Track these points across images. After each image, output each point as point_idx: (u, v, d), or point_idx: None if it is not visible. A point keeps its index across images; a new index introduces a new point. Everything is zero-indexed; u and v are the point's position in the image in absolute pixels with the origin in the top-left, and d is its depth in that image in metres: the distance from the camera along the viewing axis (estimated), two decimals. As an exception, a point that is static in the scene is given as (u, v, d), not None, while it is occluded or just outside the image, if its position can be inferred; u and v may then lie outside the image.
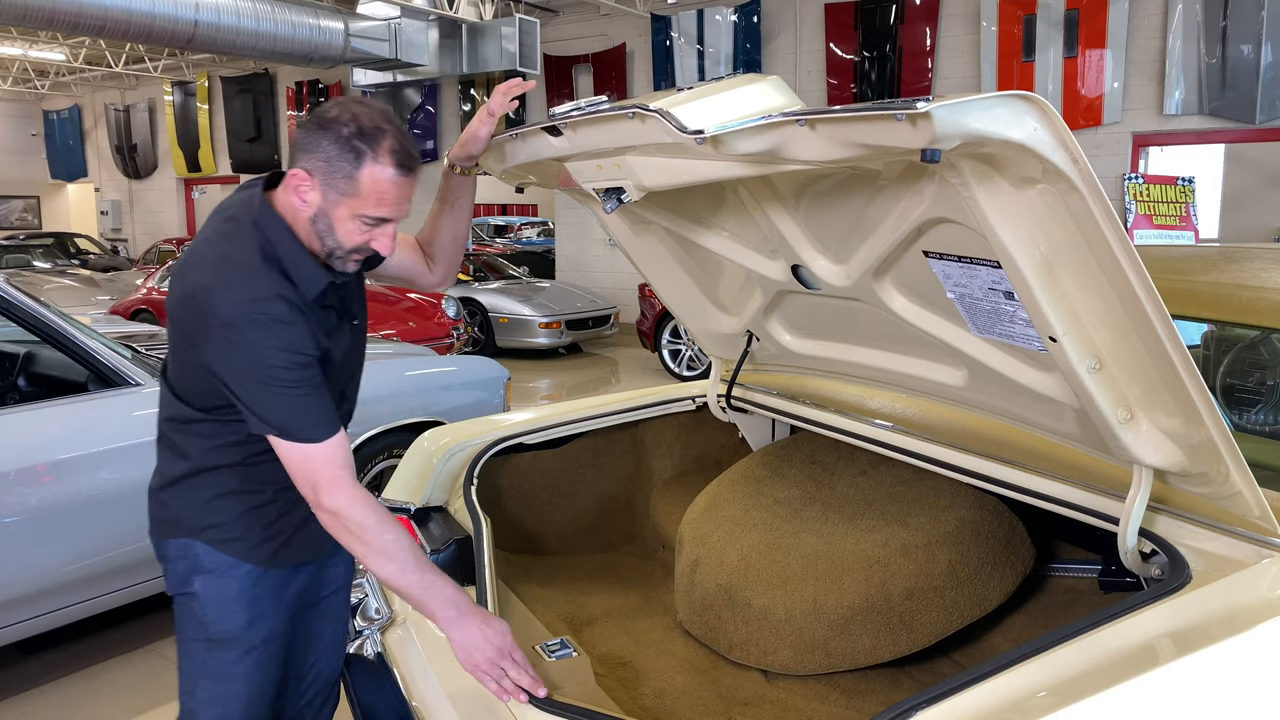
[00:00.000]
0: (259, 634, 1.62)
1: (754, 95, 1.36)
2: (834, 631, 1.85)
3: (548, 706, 1.39)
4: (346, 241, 1.49)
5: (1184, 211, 8.94)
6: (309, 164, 1.46)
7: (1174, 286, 1.93)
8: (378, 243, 1.50)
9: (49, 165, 20.13)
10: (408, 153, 1.47)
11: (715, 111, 1.30)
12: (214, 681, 1.61)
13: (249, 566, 1.61)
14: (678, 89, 1.42)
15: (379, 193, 1.45)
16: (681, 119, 1.28)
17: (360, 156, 1.43)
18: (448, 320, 8.50)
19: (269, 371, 1.42)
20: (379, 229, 1.49)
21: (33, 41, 15.07)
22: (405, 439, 3.64)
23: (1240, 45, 8.50)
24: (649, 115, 1.31)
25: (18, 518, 2.63)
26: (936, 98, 0.99)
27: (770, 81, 1.42)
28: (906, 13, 10.08)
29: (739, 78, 1.43)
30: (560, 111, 1.50)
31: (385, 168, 1.44)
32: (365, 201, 1.45)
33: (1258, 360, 2.44)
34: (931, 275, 1.55)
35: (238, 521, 1.60)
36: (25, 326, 2.77)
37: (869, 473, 2.22)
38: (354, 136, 1.43)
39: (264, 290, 1.44)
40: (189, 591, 1.61)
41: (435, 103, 13.92)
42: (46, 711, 2.84)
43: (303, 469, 1.48)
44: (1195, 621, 1.17)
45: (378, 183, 1.44)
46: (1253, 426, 2.25)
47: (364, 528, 1.45)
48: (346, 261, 1.53)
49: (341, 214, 1.47)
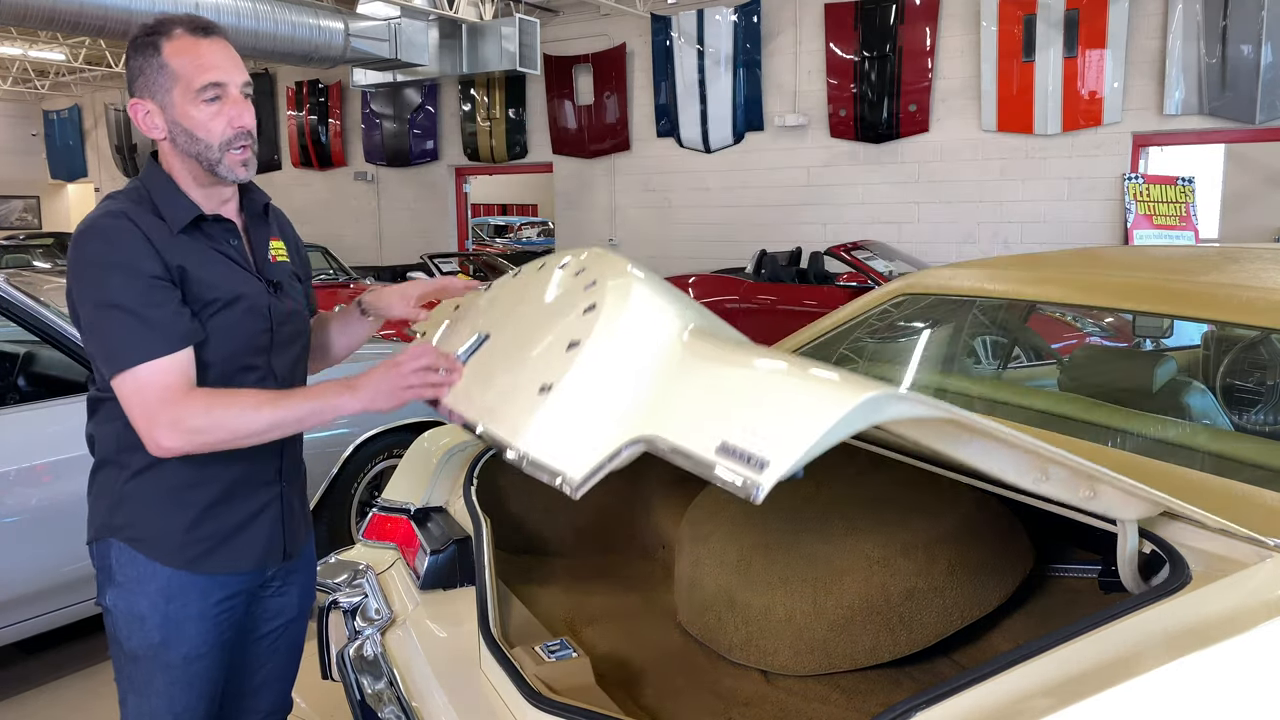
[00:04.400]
0: (176, 653, 1.51)
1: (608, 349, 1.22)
2: (834, 631, 1.85)
3: (548, 706, 1.39)
4: (208, 135, 1.44)
5: (1184, 211, 8.94)
6: (135, 88, 1.46)
7: (1174, 286, 1.93)
8: (234, 116, 1.45)
9: (49, 165, 20.12)
10: (200, 22, 1.45)
11: (569, 421, 1.18)
12: (139, 697, 1.55)
13: (163, 579, 1.49)
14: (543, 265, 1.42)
15: (194, 62, 1.43)
16: (544, 461, 1.16)
17: (158, 46, 1.43)
18: (448, 320, 8.49)
19: (96, 286, 1.37)
20: (224, 102, 1.45)
21: (33, 41, 15.06)
22: (405, 439, 3.64)
23: (1240, 45, 8.49)
24: (510, 451, 1.21)
25: (18, 518, 2.63)
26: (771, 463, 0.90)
27: (614, 288, 1.30)
28: (906, 13, 10.07)
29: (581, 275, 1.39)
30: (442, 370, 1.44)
31: (182, 38, 1.43)
32: (188, 78, 1.42)
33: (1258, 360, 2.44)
34: None
35: (152, 517, 1.49)
36: (25, 326, 2.77)
37: (868, 473, 2.22)
38: (146, 35, 1.44)
39: (109, 209, 1.43)
40: (103, 604, 1.54)
41: (435, 103, 13.91)
42: (46, 711, 2.83)
43: (129, 403, 1.36)
44: (1195, 622, 1.17)
45: (184, 53, 1.43)
46: (1253, 426, 2.25)
47: (228, 429, 1.37)
48: (230, 165, 1.47)
49: (182, 108, 1.44)
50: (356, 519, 3.60)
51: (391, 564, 2.07)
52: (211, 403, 1.38)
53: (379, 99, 14.32)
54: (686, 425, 1.04)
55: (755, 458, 0.92)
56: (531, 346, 1.34)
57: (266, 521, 1.59)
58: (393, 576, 2.03)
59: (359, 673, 1.80)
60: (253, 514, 1.56)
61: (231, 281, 1.50)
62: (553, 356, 1.25)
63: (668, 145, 11.94)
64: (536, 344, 1.33)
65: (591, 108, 12.38)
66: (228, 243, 1.53)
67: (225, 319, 1.48)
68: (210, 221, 1.51)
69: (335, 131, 15.07)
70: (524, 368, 1.30)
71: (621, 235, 12.51)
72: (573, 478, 1.10)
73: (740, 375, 1.07)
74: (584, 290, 1.35)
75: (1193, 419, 2.07)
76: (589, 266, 1.43)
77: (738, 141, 11.40)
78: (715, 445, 0.97)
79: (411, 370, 1.40)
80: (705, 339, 1.19)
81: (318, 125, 15.20)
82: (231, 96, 1.45)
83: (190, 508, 1.50)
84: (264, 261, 1.59)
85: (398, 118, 14.21)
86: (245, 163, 1.49)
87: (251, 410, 1.39)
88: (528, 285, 1.58)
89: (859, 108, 10.49)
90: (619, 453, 1.08)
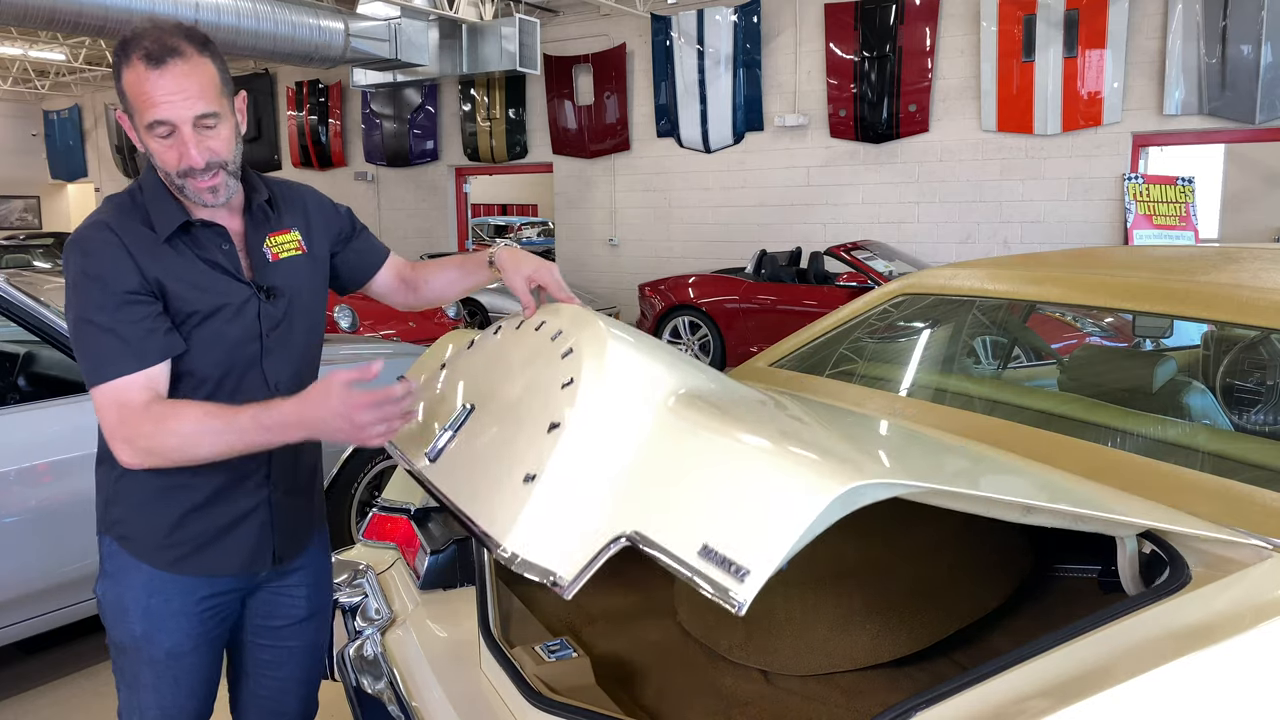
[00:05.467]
0: (158, 647, 1.51)
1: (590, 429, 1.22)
2: (834, 631, 1.85)
3: (548, 706, 1.39)
4: (167, 166, 1.39)
5: (1184, 211, 8.94)
6: (120, 101, 1.39)
7: (1174, 286, 1.93)
8: (184, 154, 1.37)
9: (49, 165, 20.12)
10: (161, 44, 1.33)
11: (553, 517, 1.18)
12: (129, 690, 1.56)
13: (145, 574, 1.49)
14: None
15: (143, 97, 1.34)
16: (535, 561, 1.16)
17: (119, 69, 1.35)
18: (448, 320, 8.50)
19: (76, 300, 1.36)
20: (172, 139, 1.37)
21: (33, 41, 15.06)
22: (405, 439, 3.64)
23: (1240, 45, 8.50)
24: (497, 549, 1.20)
25: (18, 518, 2.63)
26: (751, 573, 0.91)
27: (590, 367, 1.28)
28: (906, 13, 10.07)
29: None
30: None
31: (135, 69, 1.33)
32: (140, 113, 1.36)
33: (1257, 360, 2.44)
34: None
35: (137, 517, 1.50)
36: (25, 326, 2.77)
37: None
38: (118, 51, 1.35)
39: (97, 218, 1.40)
40: (96, 593, 1.57)
41: (435, 103, 13.91)
42: (46, 711, 2.83)
43: (98, 416, 1.36)
44: (1195, 622, 1.17)
45: (136, 84, 1.34)
46: (1252, 426, 2.25)
47: (181, 450, 1.34)
48: (196, 191, 1.41)
49: (143, 134, 1.38)
50: (356, 519, 3.60)
51: (391, 564, 2.07)
52: (160, 425, 1.35)
53: (379, 99, 14.32)
54: (668, 522, 1.06)
55: (736, 565, 0.94)
56: (514, 424, 1.34)
57: (253, 526, 1.56)
58: (393, 576, 2.03)
59: (359, 672, 1.80)
60: (237, 518, 1.53)
61: (214, 293, 1.46)
62: (535, 439, 1.25)
63: (668, 145, 11.95)
64: (519, 422, 1.33)
65: (591, 108, 12.38)
66: (218, 249, 1.48)
67: (208, 329, 1.46)
68: (200, 227, 1.46)
69: (335, 131, 15.08)
70: (508, 450, 1.30)
71: (621, 235, 12.51)
72: (564, 578, 1.13)
73: (721, 462, 1.08)
74: (562, 359, 1.34)
75: (1192, 419, 2.07)
76: (565, 329, 1.42)
77: (738, 141, 11.40)
78: (696, 548, 0.99)
79: (373, 414, 1.30)
80: (686, 412, 1.20)
81: (318, 125, 15.20)
82: (181, 135, 1.37)
83: (172, 510, 1.49)
84: (260, 264, 1.53)
85: (398, 118, 14.21)
86: (213, 189, 1.42)
87: (197, 435, 1.34)
88: (508, 350, 1.55)
89: (859, 108, 10.49)
90: (606, 549, 1.11)
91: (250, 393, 1.49)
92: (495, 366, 1.54)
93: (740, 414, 1.19)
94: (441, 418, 1.51)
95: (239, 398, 1.45)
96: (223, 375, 1.48)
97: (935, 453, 1.51)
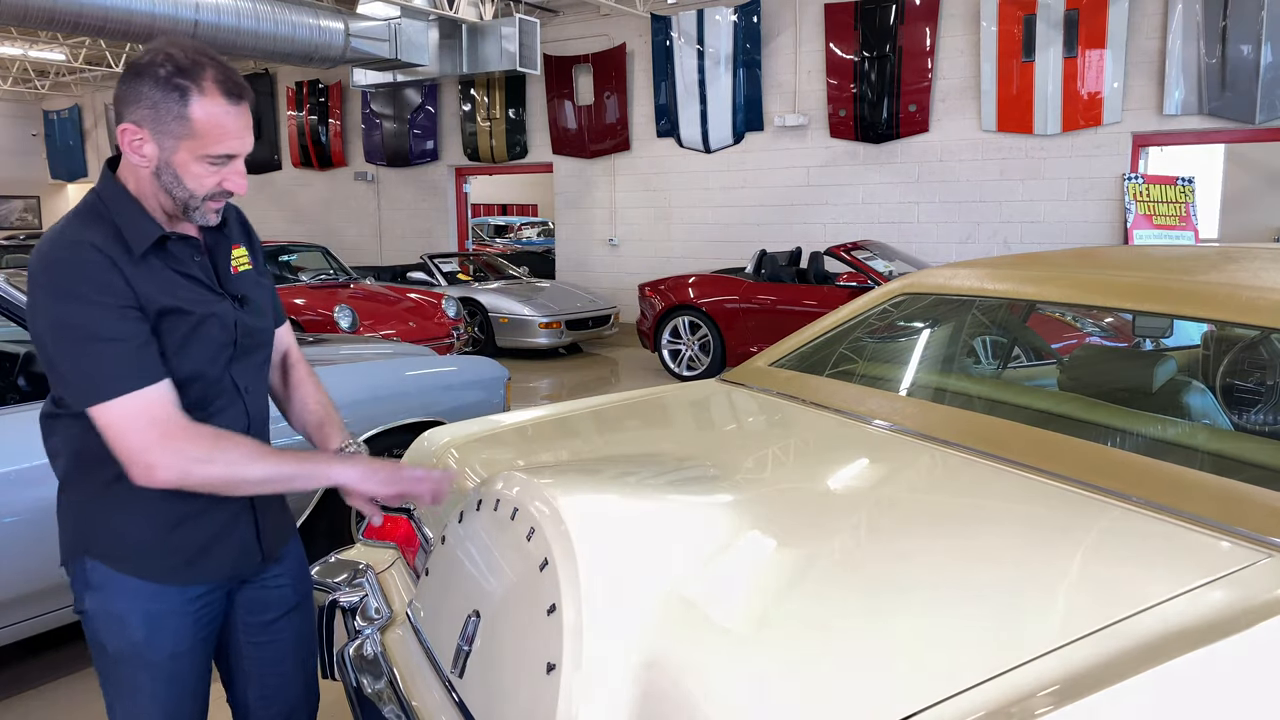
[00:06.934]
0: (160, 651, 1.50)
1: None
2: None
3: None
4: (198, 189, 1.40)
5: (1184, 211, 8.95)
6: (135, 115, 1.35)
7: (1174, 286, 1.93)
8: (230, 183, 1.42)
9: (49, 165, 20.14)
10: (233, 81, 1.38)
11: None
12: (127, 701, 1.53)
13: (137, 583, 1.48)
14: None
15: (217, 127, 1.36)
16: None
17: (186, 94, 1.34)
18: (448, 320, 8.50)
19: (68, 318, 1.32)
20: (228, 167, 1.41)
21: (33, 41, 15.07)
22: (405, 439, 3.64)
23: (1240, 45, 8.50)
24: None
25: (17, 518, 2.63)
26: None
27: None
28: (906, 13, 10.08)
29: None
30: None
31: (215, 100, 1.35)
32: (205, 141, 1.36)
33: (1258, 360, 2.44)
34: None
35: (118, 535, 1.47)
36: (25, 326, 2.77)
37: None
38: (174, 75, 1.34)
39: (73, 235, 1.36)
40: (82, 610, 1.51)
41: (435, 103, 13.93)
42: (46, 711, 2.83)
43: (115, 431, 1.34)
44: (1195, 622, 1.17)
45: (212, 117, 1.35)
46: (1252, 426, 2.25)
47: (222, 479, 1.39)
48: (205, 212, 1.43)
49: (183, 159, 1.37)
50: (356, 519, 3.60)
51: (391, 563, 2.07)
52: (217, 443, 1.40)
53: (379, 99, 14.33)
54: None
55: None
56: (515, 619, 1.37)
57: (239, 531, 1.57)
58: (393, 576, 2.03)
59: (359, 672, 1.80)
60: (225, 525, 1.53)
61: (200, 304, 1.47)
62: (540, 627, 1.28)
63: (668, 145, 11.96)
64: (519, 616, 1.36)
65: (591, 108, 12.39)
66: (191, 261, 1.48)
67: (192, 338, 1.46)
68: (174, 240, 1.46)
69: (335, 131, 15.09)
70: (522, 645, 1.33)
71: (621, 235, 12.52)
72: None
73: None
74: (527, 542, 1.37)
75: (1192, 419, 2.07)
76: (518, 505, 1.44)
77: (737, 141, 11.41)
78: None
79: (419, 478, 1.53)
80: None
81: (318, 125, 15.21)
82: (235, 166, 1.42)
83: (158, 524, 1.48)
84: (226, 275, 1.54)
85: (398, 118, 14.23)
86: (219, 210, 1.47)
87: (246, 460, 1.41)
88: (481, 538, 1.55)
89: (859, 108, 10.49)
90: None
91: (221, 397, 1.52)
92: (480, 558, 1.54)
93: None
94: (453, 624, 1.55)
95: (210, 404, 1.50)
96: (191, 380, 1.47)
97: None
